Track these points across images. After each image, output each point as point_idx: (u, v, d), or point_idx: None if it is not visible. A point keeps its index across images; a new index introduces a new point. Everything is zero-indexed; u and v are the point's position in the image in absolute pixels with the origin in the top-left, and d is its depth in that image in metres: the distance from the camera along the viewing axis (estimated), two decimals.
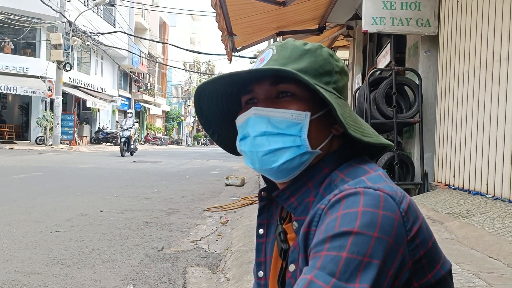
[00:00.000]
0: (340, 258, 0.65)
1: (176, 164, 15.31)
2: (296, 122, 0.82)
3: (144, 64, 38.80)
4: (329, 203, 0.72)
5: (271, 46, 0.89)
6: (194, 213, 5.85)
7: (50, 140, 21.72)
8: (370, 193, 0.70)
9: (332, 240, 0.67)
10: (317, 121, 0.84)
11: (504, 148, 4.11)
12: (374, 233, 0.66)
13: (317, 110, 0.84)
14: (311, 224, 0.74)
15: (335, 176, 0.81)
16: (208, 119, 0.96)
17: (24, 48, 24.37)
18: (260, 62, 0.87)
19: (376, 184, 0.73)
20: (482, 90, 4.56)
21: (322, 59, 0.85)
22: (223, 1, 7.00)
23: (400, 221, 0.69)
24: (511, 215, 3.48)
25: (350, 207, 0.69)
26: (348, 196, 0.71)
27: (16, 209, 5.50)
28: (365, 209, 0.68)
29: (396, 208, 0.70)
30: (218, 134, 0.98)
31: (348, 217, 0.68)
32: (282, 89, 0.84)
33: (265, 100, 0.84)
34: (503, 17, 4.20)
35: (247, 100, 0.88)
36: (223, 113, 0.96)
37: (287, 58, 0.84)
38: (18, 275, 3.14)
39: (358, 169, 0.80)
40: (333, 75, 0.86)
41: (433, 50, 5.80)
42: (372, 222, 0.67)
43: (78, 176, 9.71)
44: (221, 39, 9.50)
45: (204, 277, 3.29)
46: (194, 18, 61.23)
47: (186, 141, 50.88)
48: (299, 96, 0.83)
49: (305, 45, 0.87)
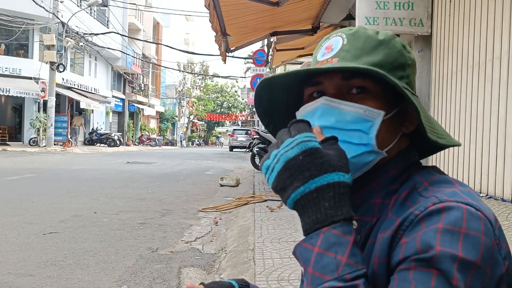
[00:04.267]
0: (450, 285, 0.60)
1: (170, 165, 15.28)
2: (367, 120, 0.75)
3: (138, 65, 38.68)
4: (425, 210, 0.66)
5: (339, 32, 0.82)
6: (188, 213, 5.83)
7: (43, 141, 21.60)
8: (472, 214, 0.64)
9: (438, 262, 0.62)
10: (389, 120, 0.77)
11: (497, 147, 4.13)
12: (476, 261, 0.62)
13: (390, 108, 0.77)
14: (400, 228, 0.68)
15: (419, 183, 0.74)
16: (266, 110, 0.90)
17: (17, 49, 24.23)
18: (327, 51, 0.80)
19: (473, 200, 0.67)
20: (475, 89, 4.58)
21: (397, 51, 0.79)
22: (216, 2, 7.00)
23: (495, 249, 0.64)
24: (505, 214, 3.50)
25: (453, 224, 0.63)
26: (450, 210, 0.65)
27: (9, 211, 5.47)
28: (468, 231, 0.63)
29: (492, 234, 0.65)
30: (274, 125, 0.92)
31: (450, 234, 0.63)
32: (357, 84, 0.76)
33: (336, 95, 0.77)
34: (495, 17, 4.23)
35: (312, 93, 0.81)
36: (281, 104, 0.90)
37: (360, 49, 0.78)
38: (11, 277, 3.11)
39: (442, 179, 0.74)
40: (406, 68, 0.80)
41: (426, 49, 5.82)
42: (475, 248, 0.62)
43: (71, 178, 9.66)
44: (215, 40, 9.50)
45: (198, 277, 3.28)
46: (188, 19, 61.15)
47: (180, 142, 50.77)
48: (374, 92, 0.76)
49: (378, 34, 0.80)
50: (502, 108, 4.07)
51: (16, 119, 26.48)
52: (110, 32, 25.49)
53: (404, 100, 0.78)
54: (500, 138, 4.09)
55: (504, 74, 4.07)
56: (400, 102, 0.79)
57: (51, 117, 21.58)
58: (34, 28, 22.80)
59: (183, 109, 54.42)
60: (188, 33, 64.56)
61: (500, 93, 4.12)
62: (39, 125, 21.85)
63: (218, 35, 8.79)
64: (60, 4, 21.85)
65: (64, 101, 26.80)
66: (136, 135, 40.29)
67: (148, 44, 39.06)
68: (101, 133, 29.29)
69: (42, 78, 21.86)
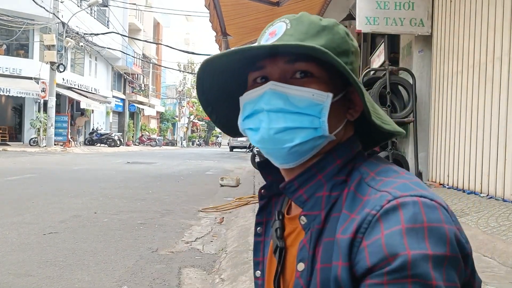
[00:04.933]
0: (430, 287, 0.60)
1: (170, 165, 15.27)
2: (317, 103, 0.74)
3: (138, 65, 38.70)
4: (381, 209, 0.65)
5: (282, 18, 0.81)
6: (188, 214, 5.83)
7: (43, 141, 21.61)
8: (428, 205, 0.64)
9: (413, 267, 0.60)
10: (336, 104, 0.76)
11: (498, 147, 4.12)
12: (446, 252, 0.61)
13: (336, 93, 0.77)
14: (358, 231, 0.66)
15: (365, 174, 0.73)
16: (208, 97, 0.88)
17: (17, 49, 24.25)
18: (271, 36, 0.79)
19: (424, 190, 0.67)
20: (476, 89, 4.58)
21: (340, 37, 0.78)
22: (216, 2, 7.01)
23: (458, 233, 0.65)
24: (505, 214, 3.49)
25: (413, 221, 0.62)
26: (406, 205, 0.64)
27: (9, 211, 5.46)
28: (431, 224, 0.62)
29: (451, 220, 0.65)
30: (217, 114, 0.91)
31: (414, 233, 0.61)
32: (301, 68, 0.76)
33: (280, 80, 0.76)
34: (496, 17, 4.22)
35: (256, 78, 0.80)
36: (224, 91, 0.88)
37: (304, 33, 0.77)
38: (11, 277, 3.11)
39: (387, 169, 0.74)
40: (349, 55, 0.79)
41: (426, 49, 5.82)
42: (441, 239, 0.62)
43: (72, 178, 9.66)
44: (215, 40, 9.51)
45: (199, 278, 3.28)
46: (188, 19, 61.15)
47: (180, 142, 50.78)
48: (318, 76, 0.76)
49: (321, 20, 0.79)
50: (503, 108, 4.06)
51: (17, 119, 26.49)
52: (110, 32, 25.48)
53: (348, 86, 0.78)
54: (501, 138, 4.08)
55: (504, 74, 4.06)
56: (345, 88, 0.78)
57: (52, 117, 21.59)
58: (34, 28, 22.81)
59: (184, 109, 54.44)
60: (188, 33, 64.55)
61: (500, 93, 4.11)
62: (40, 125, 21.87)
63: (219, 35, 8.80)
64: (60, 4, 21.86)
65: (65, 101, 26.82)
66: (136, 135, 40.29)
67: (148, 44, 39.06)
68: (102, 133, 29.30)
69: (42, 78, 21.88)
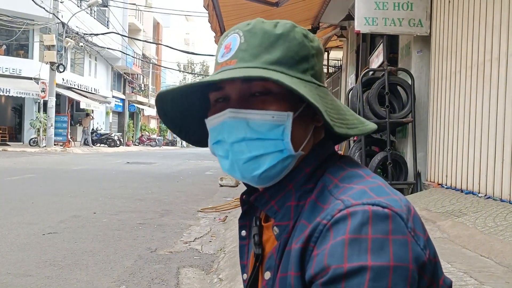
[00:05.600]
0: None
1: (170, 165, 15.28)
2: (278, 124, 0.72)
3: (138, 65, 38.70)
4: (332, 219, 0.64)
5: (236, 29, 0.78)
6: (188, 214, 5.84)
7: (43, 141, 21.61)
8: (379, 214, 0.63)
9: (347, 280, 0.60)
10: (299, 118, 0.74)
11: (496, 147, 4.13)
12: (389, 262, 0.60)
13: (297, 106, 0.74)
14: (309, 240, 0.66)
15: (328, 182, 0.72)
16: (173, 120, 0.86)
17: (17, 49, 24.25)
18: (226, 51, 0.77)
19: (381, 197, 0.66)
20: (474, 89, 4.59)
21: (297, 43, 0.75)
22: (215, 2, 7.02)
23: (413, 242, 0.63)
24: (503, 214, 3.50)
25: (358, 231, 0.62)
26: (355, 215, 0.63)
27: (9, 211, 5.47)
28: (375, 236, 0.61)
29: (405, 228, 0.64)
30: (186, 132, 0.89)
31: (357, 244, 0.61)
32: (258, 87, 0.74)
33: (239, 100, 0.74)
34: (494, 17, 4.23)
35: (217, 98, 0.78)
36: (189, 111, 0.87)
37: (257, 46, 0.74)
38: (10, 277, 3.12)
39: (352, 174, 0.73)
40: (310, 60, 0.76)
41: (425, 50, 5.83)
42: (385, 250, 0.61)
43: (71, 178, 9.67)
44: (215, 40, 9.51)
45: (197, 277, 3.29)
46: (188, 19, 61.13)
47: (180, 142, 50.75)
48: (276, 93, 0.73)
49: (276, 27, 0.76)
50: (501, 109, 4.07)
51: (16, 119, 26.48)
52: (110, 32, 25.49)
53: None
54: (499, 138, 4.09)
55: (502, 74, 4.07)
56: None
57: (51, 117, 21.59)
58: (34, 29, 22.81)
59: None
60: (188, 33, 64.52)
61: (498, 93, 4.12)
62: (39, 125, 21.87)
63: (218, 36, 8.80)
64: (60, 5, 21.86)
65: (64, 102, 26.81)
66: (136, 135, 40.29)
67: (148, 44, 39.06)
68: (101, 133, 29.29)
69: (42, 79, 21.87)
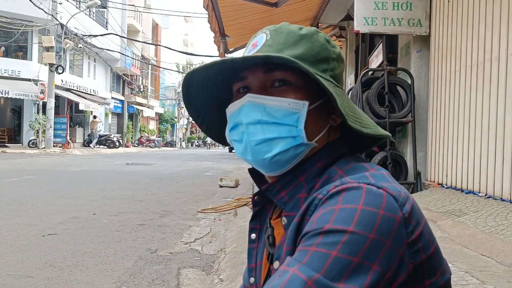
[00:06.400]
0: (329, 256, 0.61)
1: (169, 166, 15.27)
2: (293, 112, 0.77)
3: (137, 66, 38.68)
4: (328, 193, 0.68)
5: (264, 30, 0.84)
6: (187, 214, 5.83)
7: (42, 143, 21.58)
8: (373, 191, 0.66)
9: (325, 236, 0.62)
10: (315, 111, 0.79)
11: (496, 146, 4.13)
12: (370, 234, 0.62)
13: (314, 100, 0.79)
14: (305, 214, 0.69)
15: (334, 173, 0.76)
16: (197, 108, 0.91)
17: (16, 51, 24.22)
18: (253, 47, 0.83)
19: (380, 182, 0.68)
20: (474, 89, 4.59)
21: (319, 45, 0.81)
22: (215, 3, 7.01)
23: (401, 223, 0.65)
24: (503, 213, 3.50)
25: (349, 202, 0.64)
26: (349, 190, 0.66)
27: (8, 213, 5.46)
28: (365, 207, 0.63)
29: (398, 209, 0.65)
30: (207, 124, 0.94)
31: (345, 213, 0.63)
32: (278, 77, 0.79)
33: (260, 89, 0.79)
34: (493, 17, 4.23)
35: (239, 88, 0.83)
36: (212, 102, 0.91)
37: (282, 43, 0.79)
38: (10, 278, 3.11)
39: (358, 166, 0.76)
40: (330, 62, 0.81)
41: (424, 50, 5.83)
42: (370, 222, 0.62)
43: (71, 179, 9.66)
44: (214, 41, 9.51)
45: (198, 278, 3.28)
46: (186, 20, 61.15)
47: (180, 143, 50.77)
48: (296, 84, 0.78)
49: (301, 29, 0.82)
50: (501, 108, 4.07)
51: (15, 121, 26.46)
52: (109, 33, 25.48)
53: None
54: (499, 137, 4.09)
55: (502, 74, 4.07)
56: (324, 94, 0.79)
57: (50, 118, 21.56)
58: (33, 30, 22.79)
59: (182, 110, 54.41)
60: (187, 34, 64.55)
61: (498, 92, 4.12)
62: (38, 126, 21.84)
63: (217, 36, 8.81)
64: (59, 6, 21.85)
65: (63, 103, 26.80)
66: (135, 137, 40.27)
67: (147, 45, 39.07)
68: (100, 135, 29.24)
69: (41, 80, 21.84)
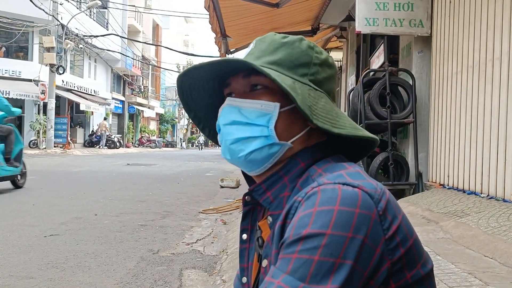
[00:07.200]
0: (312, 261, 0.63)
1: (170, 166, 15.27)
2: (265, 113, 0.82)
3: (137, 67, 38.69)
4: (306, 195, 0.71)
5: (254, 40, 0.90)
6: (189, 215, 5.83)
7: (43, 143, 21.59)
8: (348, 191, 0.68)
9: (305, 241, 0.65)
10: (290, 113, 0.83)
11: (498, 147, 4.13)
12: (348, 233, 0.64)
13: (289, 102, 0.82)
14: (287, 217, 0.73)
15: (313, 171, 0.80)
16: (196, 114, 0.97)
17: (17, 51, 24.23)
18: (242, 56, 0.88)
19: (356, 180, 0.71)
20: (475, 89, 4.58)
21: (300, 51, 0.85)
22: (216, 3, 7.01)
23: (376, 220, 0.67)
24: (506, 214, 3.49)
25: (326, 203, 0.67)
26: (325, 191, 0.69)
27: (9, 213, 5.46)
28: (341, 208, 0.66)
29: (373, 206, 0.68)
30: (209, 128, 0.98)
31: (323, 215, 0.66)
32: (254, 81, 0.84)
33: (241, 93, 0.86)
34: (495, 17, 4.23)
35: (227, 93, 0.89)
36: (212, 108, 0.96)
37: (263, 51, 0.85)
38: (12, 279, 3.11)
39: (336, 165, 0.79)
40: (311, 66, 0.85)
41: (426, 50, 5.83)
42: (348, 222, 0.65)
43: (72, 180, 9.66)
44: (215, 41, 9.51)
45: (200, 279, 3.28)
46: (187, 20, 61.17)
47: (180, 144, 50.77)
48: (271, 88, 0.83)
49: (285, 38, 0.86)
50: (503, 108, 4.07)
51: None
52: (109, 34, 25.50)
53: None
54: (501, 138, 4.09)
55: (504, 74, 4.07)
56: None
57: (51, 119, 21.57)
58: (33, 31, 22.80)
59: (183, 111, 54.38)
60: (187, 35, 64.53)
61: (500, 93, 4.12)
62: (39, 127, 21.84)
63: (218, 37, 8.81)
64: (60, 7, 21.86)
65: (64, 103, 26.81)
66: (136, 137, 40.28)
67: (148, 46, 39.08)
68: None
69: (42, 80, 21.84)
